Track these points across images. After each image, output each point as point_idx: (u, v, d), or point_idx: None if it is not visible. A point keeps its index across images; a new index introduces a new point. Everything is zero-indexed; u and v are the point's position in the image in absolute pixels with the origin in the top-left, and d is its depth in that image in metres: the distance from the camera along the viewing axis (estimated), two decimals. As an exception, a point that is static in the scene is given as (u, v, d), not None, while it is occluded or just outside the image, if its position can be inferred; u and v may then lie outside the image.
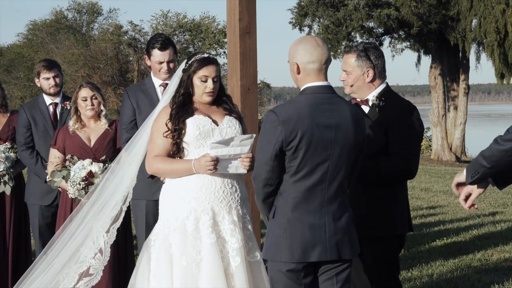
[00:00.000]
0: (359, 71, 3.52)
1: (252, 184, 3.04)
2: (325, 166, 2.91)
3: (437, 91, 22.01)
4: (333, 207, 2.95)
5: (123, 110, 4.38)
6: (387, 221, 3.44)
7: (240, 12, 4.29)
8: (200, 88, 3.36)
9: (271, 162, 2.90)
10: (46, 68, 4.89)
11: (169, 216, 3.34)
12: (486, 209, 9.31)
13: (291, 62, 3.02)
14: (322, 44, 2.99)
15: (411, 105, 3.55)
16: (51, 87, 4.89)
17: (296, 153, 2.88)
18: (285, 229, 2.93)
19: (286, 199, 2.94)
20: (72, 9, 37.13)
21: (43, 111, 4.89)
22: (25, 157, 4.83)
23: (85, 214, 3.56)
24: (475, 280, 5.42)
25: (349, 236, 2.99)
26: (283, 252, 2.93)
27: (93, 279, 3.53)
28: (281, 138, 2.87)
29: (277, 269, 2.97)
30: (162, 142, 3.33)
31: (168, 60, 4.32)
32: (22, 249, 5.02)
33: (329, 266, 3.00)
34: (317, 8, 20.78)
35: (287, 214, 2.94)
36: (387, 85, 3.58)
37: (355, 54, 3.51)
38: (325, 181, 2.93)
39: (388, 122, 3.44)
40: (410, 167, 3.45)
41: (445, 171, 16.01)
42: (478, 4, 19.54)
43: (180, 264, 3.24)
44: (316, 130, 2.89)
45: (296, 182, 2.92)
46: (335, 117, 2.93)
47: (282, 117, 2.88)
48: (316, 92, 2.95)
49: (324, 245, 2.93)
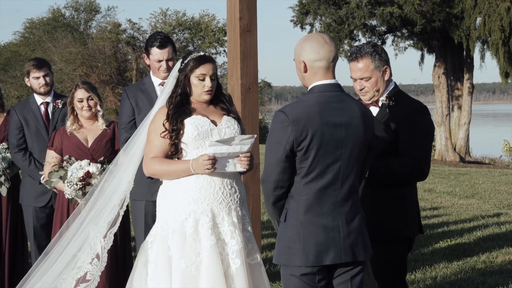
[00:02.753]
0: (378, 73, 3.45)
1: (261, 187, 2.99)
2: (336, 166, 2.87)
3: (440, 91, 21.94)
4: (345, 208, 2.91)
5: (122, 110, 4.36)
6: (397, 223, 3.41)
7: (241, 10, 4.28)
8: (198, 87, 3.33)
9: (282, 163, 2.85)
10: (36, 67, 4.84)
11: (167, 218, 3.30)
12: (491, 210, 9.27)
13: (298, 60, 2.97)
14: (329, 41, 2.94)
15: (422, 105, 3.50)
16: (41, 86, 4.84)
17: (307, 154, 2.84)
18: (298, 232, 2.88)
19: (297, 201, 2.89)
20: (70, 7, 37.25)
21: (35, 111, 4.86)
22: (18, 159, 4.80)
23: (83, 219, 3.54)
24: (479, 282, 5.37)
25: (362, 238, 2.95)
26: (297, 256, 2.88)
27: (90, 285, 3.51)
28: (292, 139, 2.83)
29: (291, 274, 2.92)
30: (160, 143, 3.30)
31: (167, 58, 4.28)
32: (19, 250, 5.00)
33: (343, 269, 2.95)
34: (319, 6, 20.73)
35: (300, 217, 2.88)
36: (395, 85, 3.54)
37: (369, 57, 3.43)
38: (337, 181, 2.89)
39: (399, 123, 3.40)
40: (421, 167, 3.41)
41: (449, 172, 15.95)
42: (482, 2, 19.47)
43: (179, 266, 3.20)
44: (327, 129, 2.84)
45: (308, 183, 2.87)
46: (344, 115, 2.89)
47: (292, 117, 2.83)
48: (325, 91, 2.91)
49: (339, 247, 2.88)
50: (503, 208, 9.44)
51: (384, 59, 3.46)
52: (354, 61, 3.47)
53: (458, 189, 11.82)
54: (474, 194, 11.11)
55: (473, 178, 13.91)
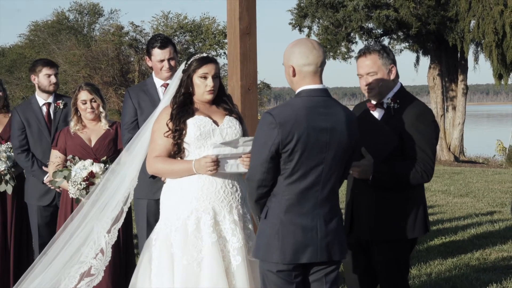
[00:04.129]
0: (385, 70, 3.44)
1: (247, 185, 3.05)
2: (319, 169, 2.93)
3: (435, 92, 22.05)
4: (324, 209, 2.96)
5: (125, 111, 4.40)
6: (401, 224, 3.40)
7: (240, 13, 4.31)
8: (200, 87, 3.37)
9: (266, 164, 2.90)
10: (48, 64, 4.90)
11: (170, 216, 3.34)
12: (484, 209, 9.33)
13: (287, 64, 3.01)
14: (318, 46, 2.98)
15: (426, 108, 3.48)
16: (51, 84, 4.87)
17: (291, 156, 2.89)
18: (277, 230, 2.94)
19: (279, 200, 2.95)
20: (74, 10, 37.17)
21: (37, 112, 4.86)
22: (21, 160, 4.81)
23: (86, 214, 3.56)
24: (473, 278, 5.43)
25: (339, 238, 3.01)
26: (274, 253, 2.94)
27: (95, 279, 3.54)
28: (278, 141, 2.87)
29: (267, 269, 2.99)
30: (163, 142, 3.34)
31: (168, 57, 4.34)
32: (24, 248, 5.01)
33: (319, 267, 3.02)
34: (317, 9, 20.80)
35: (280, 216, 2.94)
36: (401, 86, 3.52)
37: (377, 53, 3.43)
38: (318, 183, 2.94)
39: (403, 126, 3.38)
40: (427, 170, 3.39)
41: (443, 171, 16.04)
42: (476, 5, 19.58)
43: (181, 263, 3.24)
44: (312, 133, 2.89)
45: (290, 184, 2.93)
46: (330, 120, 2.93)
47: (279, 119, 2.88)
48: (312, 95, 2.96)
49: (315, 247, 2.94)
50: (496, 207, 9.51)
51: (392, 58, 3.46)
52: (362, 56, 3.47)
53: (452, 188, 11.88)
54: (468, 193, 11.17)
55: (467, 177, 13.97)
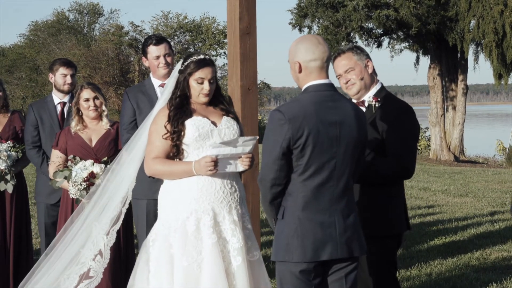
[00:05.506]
0: (361, 64, 3.50)
1: (259, 186, 3.02)
2: (332, 163, 2.93)
3: (435, 91, 22.05)
4: (341, 205, 2.96)
5: (124, 111, 4.41)
6: (384, 220, 3.45)
7: (240, 13, 4.32)
8: (196, 90, 3.37)
9: (278, 161, 2.90)
10: (66, 64, 4.97)
11: (168, 217, 3.33)
12: (484, 209, 9.34)
13: (292, 61, 3.02)
14: (323, 42, 3.01)
15: (407, 106, 3.55)
16: (66, 84, 4.94)
17: (303, 151, 2.89)
18: (295, 229, 2.92)
19: (295, 198, 2.93)
20: (74, 10, 37.24)
21: (51, 110, 4.94)
22: (32, 155, 4.88)
23: (87, 216, 3.57)
24: (473, 279, 5.43)
25: (357, 234, 3.01)
26: (295, 252, 2.91)
27: (93, 281, 3.54)
28: (288, 136, 2.87)
29: (288, 270, 2.95)
30: (161, 144, 3.33)
31: (164, 53, 4.35)
32: (24, 248, 5.02)
33: (339, 266, 3.00)
34: (317, 9, 20.80)
35: (297, 214, 2.93)
36: (382, 86, 3.58)
37: (350, 51, 3.52)
38: (333, 178, 2.94)
39: (384, 123, 3.44)
40: (407, 167, 3.45)
41: (443, 171, 16.05)
42: (476, 5, 19.58)
43: (181, 264, 3.24)
44: (322, 128, 2.90)
45: (305, 180, 2.92)
46: (339, 114, 2.94)
47: (288, 115, 2.89)
48: (320, 90, 2.97)
49: (335, 243, 2.93)
50: (496, 206, 9.52)
51: (365, 54, 3.54)
52: (337, 58, 3.55)
53: (452, 188, 11.89)
54: (468, 193, 11.18)
55: (467, 177, 13.98)
